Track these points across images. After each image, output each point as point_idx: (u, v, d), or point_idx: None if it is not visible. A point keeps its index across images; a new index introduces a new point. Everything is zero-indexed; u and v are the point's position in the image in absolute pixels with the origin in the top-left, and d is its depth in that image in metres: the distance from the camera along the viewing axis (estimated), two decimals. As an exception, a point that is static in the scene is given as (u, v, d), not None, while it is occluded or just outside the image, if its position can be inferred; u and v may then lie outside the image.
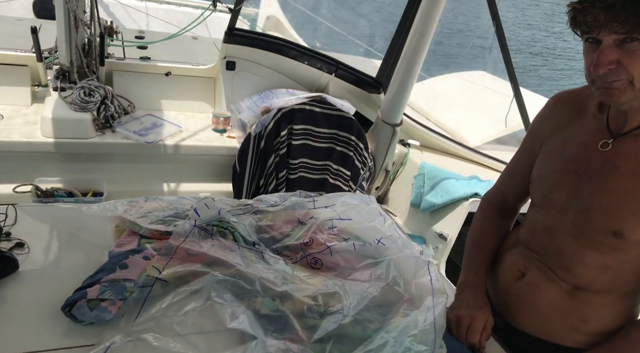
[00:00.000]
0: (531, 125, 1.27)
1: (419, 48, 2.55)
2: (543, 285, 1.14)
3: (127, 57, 2.97)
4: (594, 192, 1.03)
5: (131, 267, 1.07)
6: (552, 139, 1.16)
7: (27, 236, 1.18)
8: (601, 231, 1.02)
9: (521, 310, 1.19)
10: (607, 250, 1.04)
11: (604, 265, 1.05)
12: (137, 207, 1.31)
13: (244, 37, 2.88)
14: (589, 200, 1.04)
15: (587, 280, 1.08)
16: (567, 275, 1.10)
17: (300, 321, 1.02)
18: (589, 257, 1.06)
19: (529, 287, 1.17)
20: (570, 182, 1.08)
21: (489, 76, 4.15)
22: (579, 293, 1.10)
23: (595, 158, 1.05)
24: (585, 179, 1.05)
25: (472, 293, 1.16)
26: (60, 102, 2.51)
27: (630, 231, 0.99)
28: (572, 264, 1.09)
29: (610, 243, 1.02)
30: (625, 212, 0.99)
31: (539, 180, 1.18)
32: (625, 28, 0.87)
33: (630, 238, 0.99)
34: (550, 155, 1.15)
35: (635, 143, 1.01)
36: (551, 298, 1.13)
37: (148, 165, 2.65)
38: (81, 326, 0.96)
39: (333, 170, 2.74)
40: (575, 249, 1.08)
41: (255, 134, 2.57)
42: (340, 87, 3.09)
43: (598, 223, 1.03)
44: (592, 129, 1.08)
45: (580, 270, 1.08)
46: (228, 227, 1.23)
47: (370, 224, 1.35)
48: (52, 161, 2.46)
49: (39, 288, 1.05)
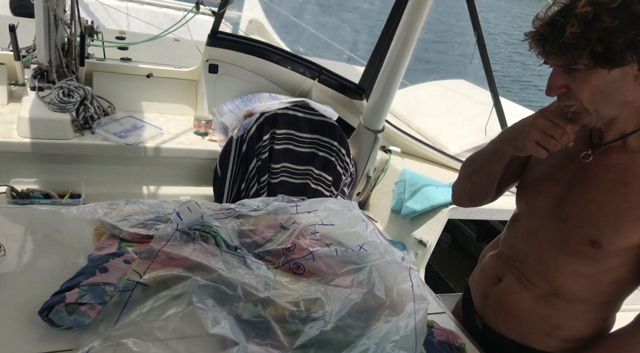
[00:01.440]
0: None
1: (402, 55, 2.58)
2: (518, 292, 1.18)
3: (107, 58, 2.93)
4: (574, 201, 1.06)
5: (111, 270, 1.05)
6: None
7: (3, 238, 1.15)
8: (579, 240, 1.04)
9: (498, 313, 1.22)
10: (584, 259, 1.06)
11: (581, 273, 1.08)
12: (117, 210, 1.29)
13: (227, 40, 2.88)
14: (569, 209, 1.06)
15: (563, 287, 1.11)
16: (542, 282, 1.13)
17: (282, 327, 1.02)
18: (566, 265, 1.09)
19: (504, 292, 1.21)
20: (554, 190, 1.10)
21: (469, 85, 4.21)
22: (553, 300, 1.13)
23: (578, 168, 1.07)
24: (567, 188, 1.08)
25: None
26: (38, 101, 2.46)
27: (607, 241, 1.00)
28: (549, 271, 1.12)
29: (588, 252, 1.04)
30: (603, 222, 1.01)
31: (524, 187, 1.20)
32: (562, 60, 0.90)
33: (608, 248, 1.01)
34: (538, 163, 1.17)
35: (616, 154, 1.02)
36: (526, 304, 1.16)
37: (128, 167, 2.62)
38: (59, 331, 0.94)
39: (315, 175, 2.74)
40: (553, 256, 1.10)
41: (237, 137, 2.56)
42: (323, 93, 3.10)
43: (576, 232, 1.05)
44: (577, 139, 1.07)
45: (557, 277, 1.11)
46: (210, 231, 1.22)
47: (353, 230, 1.36)
48: (29, 162, 2.40)
49: (15, 291, 1.03)
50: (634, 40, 0.84)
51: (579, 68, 0.89)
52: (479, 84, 3.95)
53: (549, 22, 0.89)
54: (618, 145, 1.03)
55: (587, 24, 0.85)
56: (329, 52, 6.31)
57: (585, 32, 0.85)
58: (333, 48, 6.16)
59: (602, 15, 0.84)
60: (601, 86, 0.91)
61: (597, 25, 0.84)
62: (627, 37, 0.84)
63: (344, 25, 12.28)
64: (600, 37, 0.84)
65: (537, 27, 0.91)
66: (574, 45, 0.86)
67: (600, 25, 0.84)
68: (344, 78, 3.11)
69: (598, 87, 0.91)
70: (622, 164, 1.01)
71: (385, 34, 2.90)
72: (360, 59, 4.97)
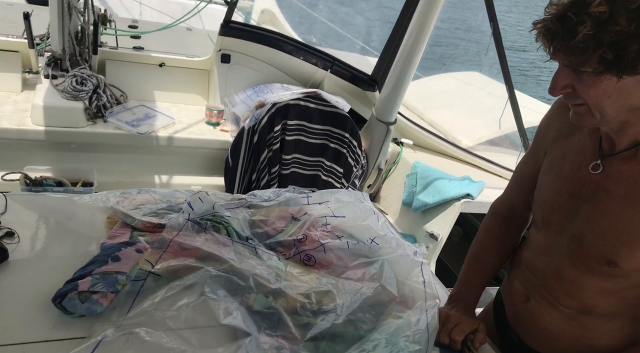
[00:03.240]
0: (538, 128, 1.20)
1: (416, 47, 2.55)
2: (546, 312, 1.12)
3: (120, 47, 2.94)
4: (587, 217, 0.99)
5: (123, 259, 1.05)
6: (554, 147, 1.11)
7: (17, 225, 1.16)
8: (595, 259, 0.98)
9: (531, 330, 1.17)
10: (605, 276, 1.00)
11: (606, 290, 1.01)
12: (129, 198, 1.30)
13: (240, 30, 2.86)
14: (582, 225, 1.00)
15: (590, 305, 1.05)
16: (569, 300, 1.07)
17: (294, 319, 1.02)
18: (589, 282, 1.03)
19: (533, 312, 1.15)
20: (566, 204, 1.04)
21: (483, 77, 4.17)
22: (583, 318, 1.07)
23: (588, 181, 1.00)
24: (579, 203, 1.01)
25: (463, 308, 1.14)
26: (51, 89, 2.47)
27: (624, 260, 0.94)
28: (573, 289, 1.06)
29: (606, 271, 0.98)
30: (617, 241, 0.94)
31: (537, 200, 1.13)
32: (569, 60, 0.83)
33: (625, 267, 0.95)
34: (550, 170, 1.11)
35: (626, 166, 0.95)
36: (557, 324, 1.11)
37: (139, 156, 2.63)
38: (72, 318, 0.94)
39: (326, 167, 2.73)
40: (574, 274, 1.04)
41: (249, 128, 2.56)
42: (335, 84, 3.08)
43: (591, 251, 0.99)
44: (587, 147, 1.02)
45: (581, 295, 1.05)
46: (222, 222, 1.22)
47: (364, 223, 1.35)
48: (42, 149, 2.42)
49: (29, 278, 1.03)
50: None
51: (587, 71, 0.82)
52: (494, 76, 3.90)
53: (560, 17, 0.80)
54: (629, 155, 0.94)
55: (601, 26, 0.76)
56: (342, 42, 6.27)
57: (598, 35, 0.76)
58: (346, 39, 6.12)
59: (618, 17, 0.75)
60: (610, 91, 0.83)
61: (612, 27, 0.75)
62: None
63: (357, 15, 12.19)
64: (612, 41, 0.76)
65: (546, 20, 0.83)
66: (584, 48, 0.78)
67: (614, 28, 0.75)
68: (356, 69, 3.09)
69: (606, 92, 0.84)
70: (633, 177, 0.94)
71: (399, 25, 2.86)
72: (373, 50, 4.93)
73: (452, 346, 1.08)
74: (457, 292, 1.19)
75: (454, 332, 1.07)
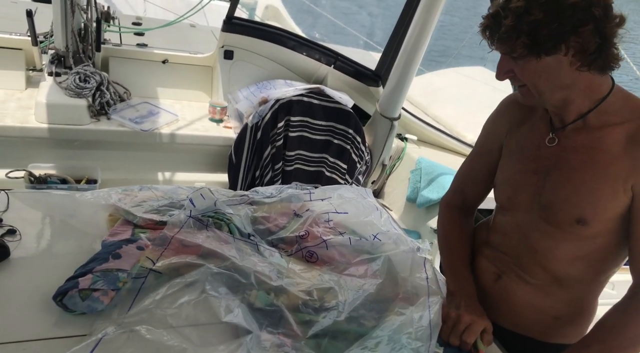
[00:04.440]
0: (484, 126, 1.33)
1: (420, 42, 2.53)
2: (518, 287, 1.19)
3: (123, 44, 2.94)
4: (553, 187, 1.10)
5: (124, 257, 1.05)
6: (508, 139, 1.22)
7: (19, 223, 1.16)
8: (566, 221, 1.08)
9: (498, 307, 1.22)
10: (575, 239, 1.09)
11: (576, 257, 1.11)
12: (131, 195, 1.29)
13: (243, 26, 2.85)
14: (549, 195, 1.10)
15: (561, 274, 1.14)
16: (541, 272, 1.16)
17: (295, 316, 1.01)
18: (561, 250, 1.12)
19: (505, 289, 1.21)
20: (531, 181, 1.14)
21: (488, 72, 4.13)
22: (553, 289, 1.16)
23: (548, 155, 1.12)
24: (543, 176, 1.12)
25: (466, 301, 1.15)
26: (55, 87, 2.48)
27: (590, 216, 1.05)
28: (545, 261, 1.14)
29: (577, 232, 1.08)
30: (582, 200, 1.05)
31: (502, 184, 1.23)
32: (503, 48, 1.00)
33: (592, 223, 1.05)
34: (509, 157, 1.21)
35: (579, 136, 1.07)
36: (527, 297, 1.19)
37: (143, 153, 2.63)
38: (72, 316, 0.94)
39: (329, 163, 2.72)
40: (546, 245, 1.13)
41: (252, 124, 2.55)
42: (339, 79, 3.07)
43: (561, 215, 1.08)
44: (540, 128, 1.15)
45: (553, 265, 1.14)
46: (223, 219, 1.22)
47: (367, 219, 1.34)
48: (46, 147, 2.43)
49: (30, 276, 1.03)
50: (557, 31, 0.93)
51: (516, 56, 0.98)
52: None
53: (493, 14, 0.98)
54: (579, 126, 1.07)
55: (519, 17, 0.93)
56: (345, 38, 6.25)
57: (517, 25, 0.94)
58: (349, 34, 6.09)
59: (532, 9, 0.92)
60: (539, 72, 0.99)
61: (527, 18, 0.93)
62: (551, 28, 0.92)
63: (361, 10, 12.13)
64: (529, 29, 0.93)
65: (484, 17, 1.01)
66: (508, 37, 0.96)
67: (529, 18, 0.93)
68: (360, 64, 3.07)
69: (536, 72, 0.99)
70: (587, 144, 1.06)
71: (402, 20, 2.84)
72: (376, 45, 4.91)
73: (462, 347, 1.07)
74: (456, 287, 1.18)
75: (465, 334, 1.07)
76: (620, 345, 1.01)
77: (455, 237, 1.33)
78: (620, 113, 1.04)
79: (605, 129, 1.04)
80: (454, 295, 1.16)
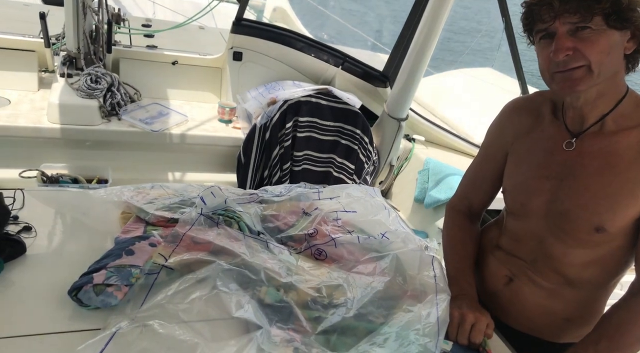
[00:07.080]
0: (488, 133, 1.30)
1: (427, 42, 2.53)
2: (530, 289, 1.18)
3: (133, 45, 2.97)
4: (569, 193, 1.07)
5: (137, 253, 1.07)
6: (516, 146, 1.19)
7: (35, 220, 1.19)
8: (584, 229, 1.06)
9: (509, 310, 1.22)
10: (592, 246, 1.08)
11: (591, 260, 1.10)
12: (143, 193, 1.31)
13: (251, 27, 2.88)
14: (565, 202, 1.08)
15: (574, 277, 1.13)
16: (555, 276, 1.14)
17: (304, 312, 1.03)
18: (576, 256, 1.10)
19: (516, 292, 1.21)
20: (545, 187, 1.11)
21: (496, 73, 4.13)
22: (565, 291, 1.15)
23: (563, 160, 1.09)
24: (558, 183, 1.09)
25: (468, 302, 1.15)
26: (67, 88, 2.51)
27: (609, 223, 1.03)
28: (560, 265, 1.13)
29: (595, 239, 1.06)
30: (601, 208, 1.03)
31: (513, 190, 1.20)
32: (576, 17, 0.92)
33: (612, 230, 1.04)
34: (519, 164, 1.18)
35: (596, 140, 1.05)
36: (540, 300, 1.17)
37: (153, 153, 2.66)
38: (87, 310, 0.96)
39: (337, 164, 2.74)
40: (562, 251, 1.11)
41: (261, 125, 2.57)
42: (347, 80, 3.08)
43: (579, 223, 1.06)
44: (553, 134, 1.12)
45: (567, 269, 1.12)
46: (234, 216, 1.23)
47: (375, 217, 1.35)
48: (58, 147, 2.46)
49: (46, 271, 1.06)
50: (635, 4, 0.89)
51: (590, 27, 0.92)
52: (506, 72, 3.86)
53: None
54: (596, 130, 1.05)
55: None
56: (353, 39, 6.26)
57: None
58: (357, 35, 6.10)
59: None
60: (608, 48, 0.94)
61: None
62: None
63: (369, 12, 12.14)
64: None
65: None
66: (589, 5, 0.90)
67: None
68: (368, 65, 3.08)
69: (605, 48, 0.94)
70: (604, 148, 1.04)
71: (410, 21, 2.85)
72: (384, 47, 4.92)
73: (471, 346, 1.08)
74: (458, 289, 1.18)
75: (472, 335, 1.07)
76: (627, 342, 1.01)
77: (459, 241, 1.32)
78: (635, 116, 1.02)
79: (620, 133, 1.03)
80: (456, 297, 1.17)
